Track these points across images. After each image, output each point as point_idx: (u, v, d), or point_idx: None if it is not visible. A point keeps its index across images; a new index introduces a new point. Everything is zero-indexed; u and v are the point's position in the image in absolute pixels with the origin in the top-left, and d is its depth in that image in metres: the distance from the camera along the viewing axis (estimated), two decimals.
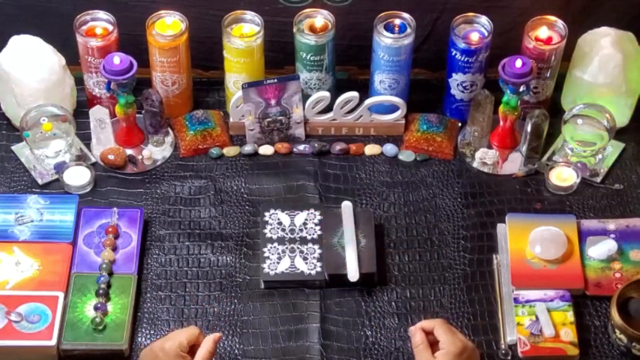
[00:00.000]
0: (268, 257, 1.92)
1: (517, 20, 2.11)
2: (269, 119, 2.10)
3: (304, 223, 1.97)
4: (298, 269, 1.91)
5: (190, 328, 1.73)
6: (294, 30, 2.06)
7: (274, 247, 1.93)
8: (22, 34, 2.10)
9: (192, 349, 1.71)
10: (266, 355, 1.82)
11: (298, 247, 1.93)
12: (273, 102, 2.07)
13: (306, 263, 1.91)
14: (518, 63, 1.98)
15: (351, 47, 2.18)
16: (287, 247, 1.93)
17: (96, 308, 1.83)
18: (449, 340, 1.69)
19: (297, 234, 1.95)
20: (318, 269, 1.90)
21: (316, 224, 1.96)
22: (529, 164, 2.07)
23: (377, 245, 1.93)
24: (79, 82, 2.13)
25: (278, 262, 1.91)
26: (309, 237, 1.95)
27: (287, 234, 1.95)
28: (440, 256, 1.96)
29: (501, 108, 2.06)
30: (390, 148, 2.12)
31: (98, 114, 2.07)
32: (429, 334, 1.72)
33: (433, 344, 1.71)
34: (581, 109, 2.05)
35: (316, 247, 1.93)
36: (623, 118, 2.12)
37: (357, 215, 1.96)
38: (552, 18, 2.07)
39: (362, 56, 2.14)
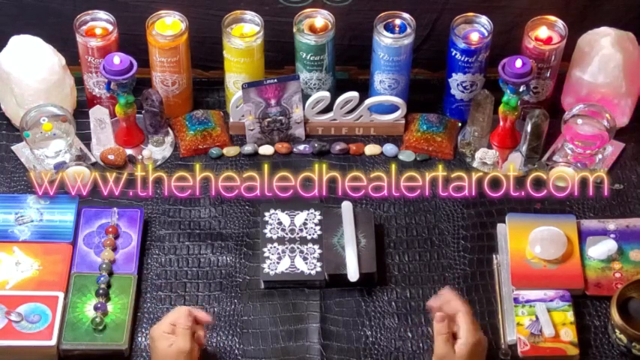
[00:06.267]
0: (268, 257, 1.92)
1: (517, 20, 2.11)
2: (269, 119, 2.10)
3: (304, 223, 1.97)
4: (298, 269, 1.91)
5: (173, 310, 1.74)
6: (294, 30, 2.06)
7: (274, 247, 1.93)
8: (22, 34, 2.10)
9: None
10: (266, 355, 1.83)
11: (298, 247, 1.93)
12: (273, 102, 2.07)
13: (306, 263, 1.91)
14: (518, 63, 1.98)
15: (351, 47, 2.18)
16: (287, 247, 1.93)
17: (96, 308, 1.83)
18: (469, 330, 1.69)
19: (297, 234, 1.95)
20: (318, 269, 1.90)
21: (316, 224, 1.97)
22: (529, 164, 2.07)
23: (377, 245, 1.93)
24: (79, 82, 2.13)
25: (278, 262, 1.91)
26: (309, 237, 1.95)
27: (287, 234, 1.95)
28: (440, 256, 1.96)
29: (501, 108, 2.06)
30: (390, 148, 2.12)
31: (98, 114, 2.07)
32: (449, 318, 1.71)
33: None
34: (581, 109, 2.05)
35: (316, 247, 1.93)
36: (623, 118, 2.12)
37: (357, 215, 1.96)
38: (552, 18, 2.07)
39: (362, 56, 2.14)
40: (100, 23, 2.08)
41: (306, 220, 1.97)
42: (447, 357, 1.68)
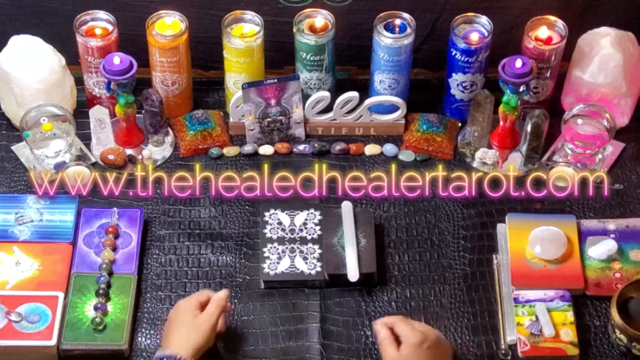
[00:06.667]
0: (268, 257, 1.92)
1: (517, 20, 2.11)
2: (269, 119, 2.10)
3: (304, 223, 1.97)
4: (298, 269, 1.91)
5: (202, 291, 1.81)
6: (294, 30, 2.06)
7: (274, 247, 1.93)
8: (22, 34, 2.10)
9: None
10: (266, 355, 1.82)
11: (298, 247, 1.93)
12: (273, 102, 2.07)
13: (306, 263, 1.91)
14: (518, 63, 1.98)
15: (351, 47, 2.18)
16: (287, 247, 1.93)
17: (96, 308, 1.83)
18: (408, 332, 1.72)
19: (297, 234, 1.95)
20: (318, 269, 1.90)
21: (316, 224, 1.97)
22: (529, 164, 2.07)
23: (377, 245, 1.93)
24: (79, 82, 2.13)
25: (278, 262, 1.91)
26: (309, 237, 1.95)
27: (287, 234, 1.95)
28: (440, 256, 1.96)
29: (501, 108, 2.06)
30: (390, 148, 2.12)
31: (98, 114, 2.07)
32: (391, 330, 1.75)
33: (396, 339, 1.74)
34: (581, 109, 2.05)
35: (316, 247, 1.93)
36: (623, 118, 2.12)
37: (357, 215, 1.96)
38: (552, 18, 2.07)
39: (362, 56, 2.14)
40: (100, 23, 2.08)
41: (306, 220, 1.97)
42: (391, 357, 1.71)
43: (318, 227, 1.96)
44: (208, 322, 1.76)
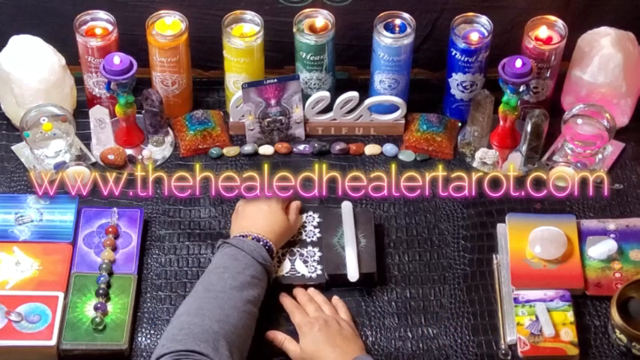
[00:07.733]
0: None
1: (517, 20, 2.11)
2: (269, 119, 2.10)
3: (303, 226, 1.97)
4: (299, 272, 1.90)
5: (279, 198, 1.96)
6: (294, 30, 2.06)
7: None
8: (22, 34, 2.10)
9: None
10: (266, 356, 1.82)
11: (298, 250, 1.93)
12: (273, 102, 2.07)
13: (307, 266, 1.91)
14: (518, 63, 1.98)
15: (351, 47, 2.18)
16: (287, 250, 1.93)
17: (96, 308, 1.83)
18: (299, 322, 1.81)
19: (297, 237, 1.95)
20: (319, 272, 1.90)
21: (315, 227, 1.96)
22: (529, 164, 2.07)
23: (377, 245, 1.93)
24: (79, 82, 2.13)
25: (278, 266, 1.91)
26: (308, 240, 1.95)
27: None
28: (440, 256, 1.95)
29: (501, 108, 2.06)
30: (390, 148, 2.12)
31: (98, 114, 2.07)
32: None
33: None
34: (581, 109, 2.05)
35: (316, 249, 1.93)
36: (623, 118, 2.12)
37: (357, 215, 1.96)
38: (552, 18, 2.07)
39: (362, 56, 2.14)
40: (100, 23, 2.08)
41: (305, 222, 1.97)
42: (295, 353, 1.78)
43: (317, 230, 1.96)
44: (296, 225, 1.93)
